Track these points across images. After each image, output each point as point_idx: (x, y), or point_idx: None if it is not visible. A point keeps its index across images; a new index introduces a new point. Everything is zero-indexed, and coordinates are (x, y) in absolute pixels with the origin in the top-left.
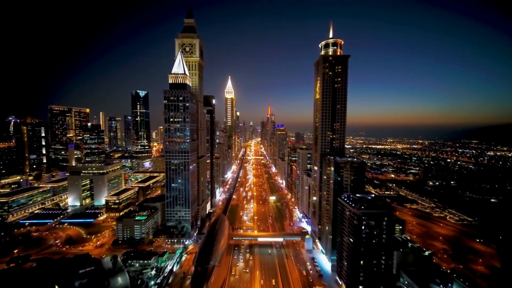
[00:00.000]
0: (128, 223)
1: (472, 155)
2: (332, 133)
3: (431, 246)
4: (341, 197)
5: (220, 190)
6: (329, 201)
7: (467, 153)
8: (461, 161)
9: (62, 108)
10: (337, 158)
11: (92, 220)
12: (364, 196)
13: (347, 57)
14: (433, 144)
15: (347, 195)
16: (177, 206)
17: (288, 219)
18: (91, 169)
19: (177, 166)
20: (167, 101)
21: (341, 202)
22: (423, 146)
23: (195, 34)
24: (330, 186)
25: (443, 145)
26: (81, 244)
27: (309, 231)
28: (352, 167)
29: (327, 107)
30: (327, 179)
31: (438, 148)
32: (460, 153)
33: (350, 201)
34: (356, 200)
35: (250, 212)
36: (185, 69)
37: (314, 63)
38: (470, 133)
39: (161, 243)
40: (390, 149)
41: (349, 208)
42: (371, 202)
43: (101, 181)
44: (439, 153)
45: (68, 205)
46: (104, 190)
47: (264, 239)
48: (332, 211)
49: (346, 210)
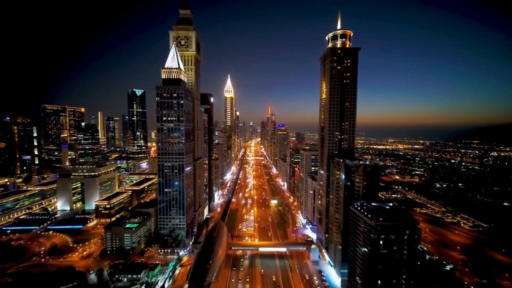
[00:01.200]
0: (117, 232)
1: (475, 156)
2: (341, 133)
3: (447, 256)
4: (354, 206)
5: (219, 193)
6: (339, 208)
7: (470, 153)
8: (465, 161)
9: (56, 107)
10: (347, 161)
11: (80, 227)
12: (381, 205)
13: (357, 50)
14: (434, 145)
15: (360, 203)
16: (171, 213)
17: (291, 225)
18: (81, 171)
19: (171, 169)
20: (159, 98)
21: (354, 212)
22: (424, 146)
23: (191, 26)
24: (339, 192)
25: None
26: (66, 254)
27: (314, 239)
28: (365, 171)
29: (335, 105)
30: (336, 184)
31: (440, 149)
32: (463, 153)
33: (364, 210)
34: (372, 210)
35: (250, 218)
36: (180, 64)
37: (320, 58)
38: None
39: (154, 253)
40: (391, 150)
41: (365, 219)
42: (390, 213)
43: (92, 184)
44: (442, 154)
45: (57, 210)
46: (96, 193)
47: (266, 249)
48: (342, 220)
49: (361, 221)
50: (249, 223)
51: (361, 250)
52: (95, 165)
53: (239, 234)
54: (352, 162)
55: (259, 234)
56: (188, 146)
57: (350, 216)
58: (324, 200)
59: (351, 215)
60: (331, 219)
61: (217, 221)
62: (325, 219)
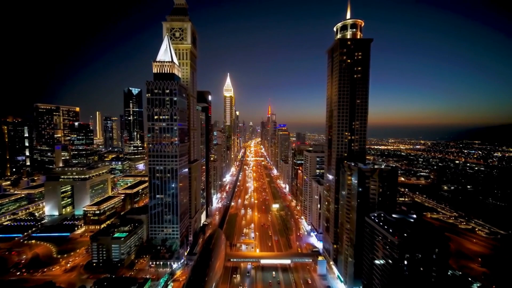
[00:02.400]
0: (104, 242)
1: (479, 156)
2: (351, 134)
3: (467, 269)
4: (370, 217)
5: (217, 196)
6: (351, 218)
7: (473, 154)
8: (470, 162)
9: (49, 106)
10: (360, 165)
11: (67, 234)
12: (403, 217)
13: (370, 41)
14: (436, 145)
15: (377, 214)
16: (164, 221)
17: (295, 232)
18: (71, 173)
19: (163, 174)
20: (150, 95)
21: (371, 224)
22: (426, 146)
23: (186, 16)
24: (351, 199)
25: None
26: (48, 266)
27: (320, 249)
28: (381, 176)
29: (345, 102)
30: (347, 191)
31: (442, 149)
32: (467, 154)
33: (384, 223)
34: (394, 224)
35: (250, 224)
36: (173, 57)
37: (327, 51)
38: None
39: (145, 265)
40: (393, 150)
41: (385, 234)
42: (414, 227)
43: (82, 188)
44: (445, 154)
45: (45, 215)
46: (86, 197)
47: (268, 261)
48: (355, 232)
49: (380, 236)
50: (249, 230)
51: (380, 268)
52: (86, 167)
53: (239, 243)
54: (366, 166)
55: (260, 243)
56: (182, 147)
57: (365, 227)
58: (332, 206)
59: (366, 227)
60: (341, 229)
61: (214, 229)
62: (333, 228)
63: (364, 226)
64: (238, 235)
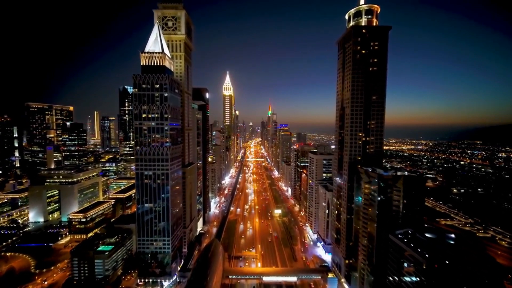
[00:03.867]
0: (86, 257)
1: (484, 157)
2: (365, 135)
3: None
4: (397, 236)
5: (215, 200)
6: (368, 232)
7: (477, 154)
8: (476, 163)
9: (41, 105)
10: (380, 171)
11: (50, 244)
12: (439, 236)
13: (388, 29)
14: (437, 145)
15: (405, 232)
16: (153, 233)
17: (299, 241)
18: (57, 177)
19: (153, 179)
20: (137, 90)
21: (398, 244)
22: (428, 147)
23: (180, 4)
24: (369, 210)
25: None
26: (24, 284)
27: (329, 262)
28: (406, 184)
29: (359, 98)
30: (364, 200)
31: (445, 149)
32: (470, 154)
33: (416, 245)
34: (428, 245)
35: (250, 233)
36: (165, 48)
37: (338, 41)
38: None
39: (132, 282)
40: (395, 150)
41: (418, 259)
42: (456, 250)
43: (70, 192)
44: (449, 155)
45: (29, 222)
46: (74, 203)
47: (272, 278)
48: (375, 249)
49: (411, 260)
50: (250, 239)
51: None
52: (74, 169)
53: (238, 255)
54: (387, 173)
55: (261, 255)
56: (175, 149)
57: (389, 246)
58: (344, 216)
59: (391, 246)
60: (355, 243)
61: (211, 240)
62: (345, 241)
63: (388, 244)
64: (238, 246)
